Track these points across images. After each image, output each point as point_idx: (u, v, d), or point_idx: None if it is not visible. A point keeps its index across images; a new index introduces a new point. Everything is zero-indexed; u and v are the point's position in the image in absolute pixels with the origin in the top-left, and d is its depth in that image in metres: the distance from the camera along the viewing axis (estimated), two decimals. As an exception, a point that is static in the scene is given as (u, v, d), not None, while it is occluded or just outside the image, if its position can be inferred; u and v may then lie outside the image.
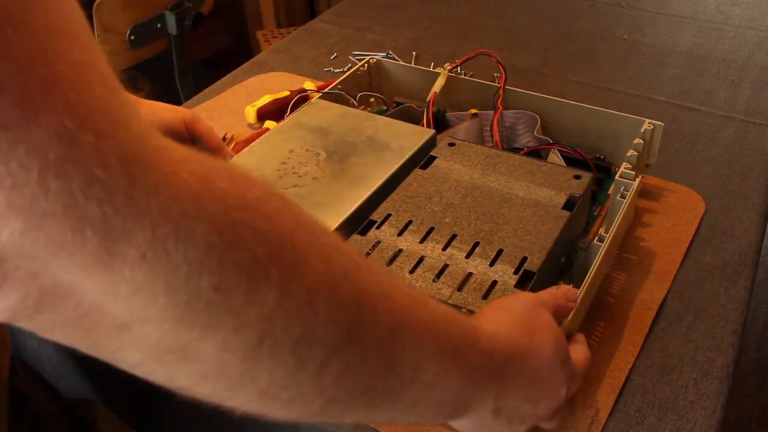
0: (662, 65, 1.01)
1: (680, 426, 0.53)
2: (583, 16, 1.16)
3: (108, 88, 0.24)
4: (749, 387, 1.49)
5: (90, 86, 0.23)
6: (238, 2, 2.39)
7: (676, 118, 0.89)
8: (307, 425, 0.54)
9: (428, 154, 0.65)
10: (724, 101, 0.92)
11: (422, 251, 0.55)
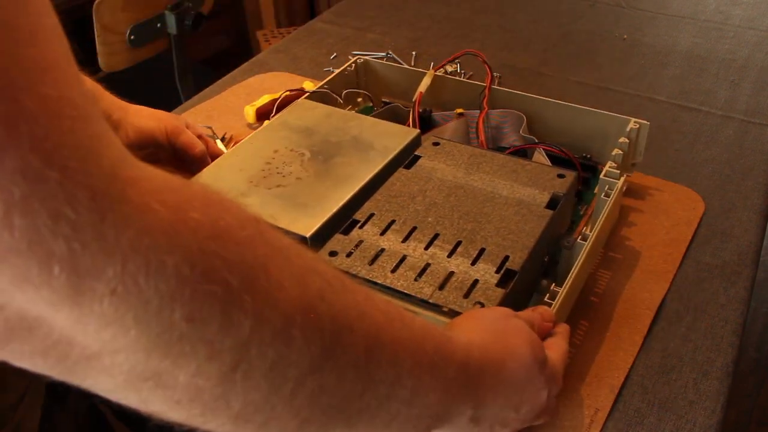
0: (662, 65, 1.01)
1: (680, 426, 0.53)
2: (583, 16, 1.16)
3: (79, 120, 0.23)
4: (749, 387, 1.49)
5: (59, 120, 0.22)
6: (238, 2, 2.39)
7: (676, 118, 0.89)
8: None
9: (413, 153, 0.65)
10: (724, 101, 0.92)
11: (404, 250, 0.55)
